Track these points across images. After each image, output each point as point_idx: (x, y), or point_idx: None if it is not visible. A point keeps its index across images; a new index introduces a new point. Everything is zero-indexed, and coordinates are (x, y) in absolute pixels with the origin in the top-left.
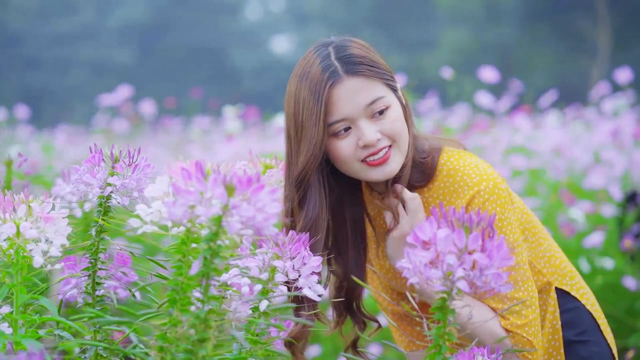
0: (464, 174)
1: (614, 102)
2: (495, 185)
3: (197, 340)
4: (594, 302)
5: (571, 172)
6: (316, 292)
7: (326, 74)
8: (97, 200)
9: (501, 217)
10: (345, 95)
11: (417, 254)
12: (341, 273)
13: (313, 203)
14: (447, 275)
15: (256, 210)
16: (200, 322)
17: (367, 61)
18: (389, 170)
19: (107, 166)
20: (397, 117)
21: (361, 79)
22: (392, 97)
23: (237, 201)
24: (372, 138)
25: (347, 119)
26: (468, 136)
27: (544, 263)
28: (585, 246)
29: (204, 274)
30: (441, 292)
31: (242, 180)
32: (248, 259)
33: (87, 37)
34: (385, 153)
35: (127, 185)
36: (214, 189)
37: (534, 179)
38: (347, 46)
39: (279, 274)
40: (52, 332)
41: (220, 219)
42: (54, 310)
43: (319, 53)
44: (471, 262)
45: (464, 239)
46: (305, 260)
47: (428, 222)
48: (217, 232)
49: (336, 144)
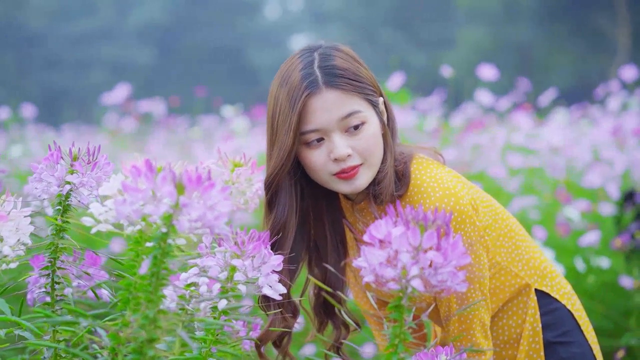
0: (428, 187)
1: (620, 100)
2: (457, 202)
3: (146, 340)
4: (575, 301)
5: (572, 171)
6: (277, 291)
7: (305, 82)
8: (56, 199)
9: (460, 234)
10: (321, 107)
11: (372, 253)
12: (321, 277)
13: (282, 207)
14: (402, 274)
15: (207, 208)
16: (150, 322)
17: (349, 74)
18: (357, 185)
19: (66, 164)
20: (372, 133)
21: (339, 92)
22: (369, 112)
23: (187, 199)
24: (343, 153)
25: (320, 130)
26: (466, 134)
27: (521, 265)
28: (581, 245)
29: (153, 274)
30: (396, 291)
31: (191, 178)
32: (207, 258)
33: (107, 37)
34: (354, 168)
35: (85, 184)
36: (163, 187)
37: (532, 178)
38: (332, 56)
39: (239, 272)
40: (12, 332)
41: (170, 217)
42: (6, 310)
43: (303, 58)
44: (427, 261)
45: (418, 237)
46: (265, 259)
47: (383, 221)
48: (168, 231)
49: (308, 153)
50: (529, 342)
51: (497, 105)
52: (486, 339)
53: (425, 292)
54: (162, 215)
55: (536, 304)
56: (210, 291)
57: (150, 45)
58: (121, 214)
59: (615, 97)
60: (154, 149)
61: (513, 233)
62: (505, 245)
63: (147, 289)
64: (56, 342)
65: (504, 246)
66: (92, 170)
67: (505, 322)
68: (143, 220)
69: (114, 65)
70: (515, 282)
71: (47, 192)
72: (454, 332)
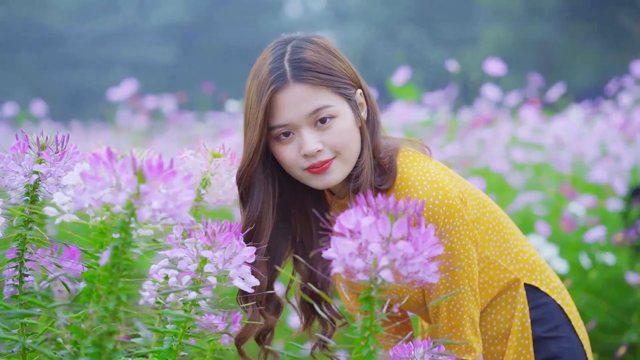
0: (415, 180)
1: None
2: (445, 195)
3: (106, 333)
4: (565, 296)
5: (580, 166)
6: (249, 284)
7: (272, 76)
8: (23, 189)
9: (448, 227)
10: (289, 102)
11: (341, 243)
12: (306, 273)
13: (255, 202)
14: (372, 265)
15: (168, 197)
16: (110, 315)
17: (319, 67)
18: (329, 180)
19: (33, 153)
20: (344, 127)
21: (307, 86)
22: (341, 106)
23: (148, 188)
24: (312, 149)
25: (289, 125)
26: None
27: (510, 259)
28: (586, 241)
29: (114, 265)
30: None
31: (152, 166)
32: (177, 249)
33: (128, 36)
34: (325, 163)
35: (53, 173)
36: (122, 175)
37: (538, 173)
38: (303, 48)
39: (210, 264)
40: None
41: (131, 206)
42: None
43: (275, 51)
44: (398, 251)
45: (388, 227)
46: (236, 251)
47: (353, 210)
48: (129, 221)
49: (280, 149)
50: (518, 337)
51: (507, 101)
52: (476, 336)
53: (396, 284)
54: (124, 205)
55: (525, 299)
56: (179, 283)
57: (171, 44)
58: (80, 203)
59: (628, 92)
60: (160, 145)
61: (501, 226)
62: (494, 239)
63: (107, 280)
64: (24, 336)
65: (492, 240)
66: (61, 160)
67: (493, 318)
68: (107, 210)
69: (135, 64)
70: (504, 276)
71: (14, 182)
72: (442, 328)
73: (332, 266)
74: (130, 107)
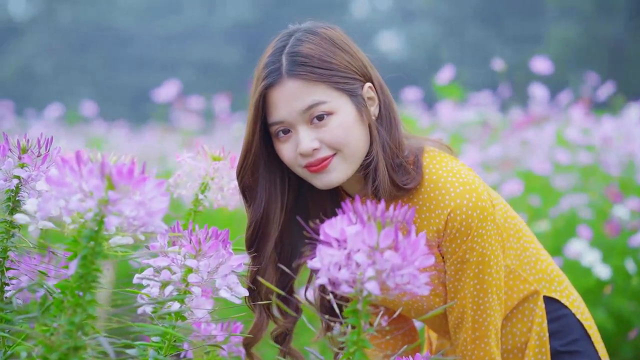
0: (446, 182)
1: None
2: (478, 197)
3: (72, 348)
4: (584, 310)
5: (631, 167)
6: (237, 294)
7: (266, 71)
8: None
9: (481, 232)
10: (283, 98)
11: (326, 252)
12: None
13: (259, 202)
14: (358, 276)
15: (139, 204)
16: (76, 329)
17: (314, 62)
18: (331, 179)
19: (15, 157)
20: (341, 124)
21: (300, 82)
22: (339, 101)
23: (116, 195)
24: (307, 148)
25: (284, 122)
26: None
27: (529, 269)
28: (631, 246)
29: (82, 275)
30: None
31: (121, 171)
32: (160, 258)
33: (195, 37)
34: (324, 160)
35: (35, 178)
36: (89, 181)
37: (585, 175)
38: (302, 41)
39: (194, 274)
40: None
41: (99, 214)
42: None
43: (277, 42)
44: (386, 262)
45: (375, 235)
46: (223, 259)
47: (338, 218)
48: (98, 229)
49: (280, 146)
50: (535, 352)
51: (559, 101)
52: (498, 349)
53: (382, 296)
54: (95, 212)
55: (544, 312)
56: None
57: (237, 44)
58: (45, 210)
59: None
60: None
61: (520, 234)
62: (514, 247)
63: (74, 291)
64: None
65: (512, 248)
66: (43, 164)
67: (509, 330)
68: (80, 218)
69: (201, 65)
70: (523, 287)
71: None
72: (465, 340)
73: (317, 277)
74: (175, 107)
